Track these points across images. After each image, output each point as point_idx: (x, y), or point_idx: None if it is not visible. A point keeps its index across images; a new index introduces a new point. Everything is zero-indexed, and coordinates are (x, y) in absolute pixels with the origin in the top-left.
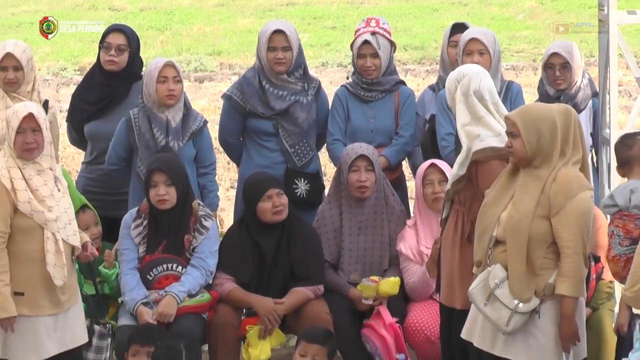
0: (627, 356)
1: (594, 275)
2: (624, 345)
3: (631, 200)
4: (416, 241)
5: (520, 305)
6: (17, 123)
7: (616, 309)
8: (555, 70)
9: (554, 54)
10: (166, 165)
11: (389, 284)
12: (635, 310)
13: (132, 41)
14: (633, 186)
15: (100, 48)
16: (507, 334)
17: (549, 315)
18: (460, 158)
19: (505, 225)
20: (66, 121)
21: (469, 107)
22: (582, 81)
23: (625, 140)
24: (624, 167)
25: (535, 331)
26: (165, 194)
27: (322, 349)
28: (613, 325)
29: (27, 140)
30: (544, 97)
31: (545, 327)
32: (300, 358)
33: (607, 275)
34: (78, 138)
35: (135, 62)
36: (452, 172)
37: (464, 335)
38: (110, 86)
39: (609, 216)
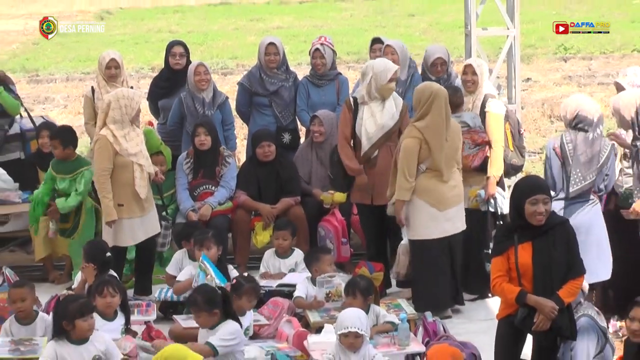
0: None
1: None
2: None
3: (475, 123)
4: None
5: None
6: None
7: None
8: (438, 66)
9: (438, 58)
10: (206, 123)
11: (340, 196)
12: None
13: (187, 50)
14: (474, 115)
15: (168, 55)
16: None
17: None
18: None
19: None
20: (146, 100)
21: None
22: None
23: (458, 93)
24: (458, 108)
25: None
26: (204, 140)
27: (285, 232)
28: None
29: None
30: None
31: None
32: (276, 242)
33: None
34: (154, 110)
35: (188, 63)
36: (385, 124)
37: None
38: (174, 78)
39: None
